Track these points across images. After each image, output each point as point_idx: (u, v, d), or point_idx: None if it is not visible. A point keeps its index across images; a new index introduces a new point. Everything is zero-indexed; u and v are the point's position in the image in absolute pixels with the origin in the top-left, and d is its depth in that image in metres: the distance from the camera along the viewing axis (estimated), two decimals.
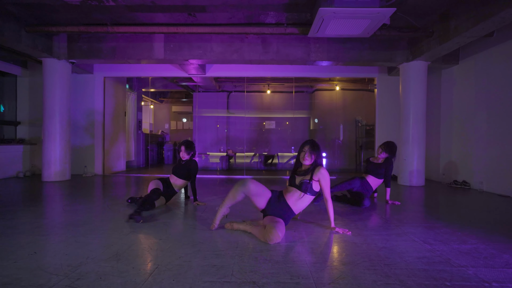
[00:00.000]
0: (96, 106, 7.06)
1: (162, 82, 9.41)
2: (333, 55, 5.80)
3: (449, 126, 6.10)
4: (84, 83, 7.04)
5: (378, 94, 7.02)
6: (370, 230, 2.74)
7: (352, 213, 3.43)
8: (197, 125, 9.35)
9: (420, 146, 5.74)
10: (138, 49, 5.80)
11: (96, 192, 4.83)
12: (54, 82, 5.79)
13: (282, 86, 9.32)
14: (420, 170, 5.73)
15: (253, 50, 5.78)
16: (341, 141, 8.77)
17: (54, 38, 5.68)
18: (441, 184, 5.90)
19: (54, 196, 4.39)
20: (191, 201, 3.97)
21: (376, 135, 7.02)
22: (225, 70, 7.10)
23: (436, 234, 2.61)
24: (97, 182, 5.85)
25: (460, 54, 5.75)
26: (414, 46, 5.55)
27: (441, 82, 6.34)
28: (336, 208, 3.66)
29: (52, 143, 5.80)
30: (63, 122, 5.90)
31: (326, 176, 2.58)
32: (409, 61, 5.72)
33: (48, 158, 5.78)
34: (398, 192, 5.10)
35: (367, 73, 7.06)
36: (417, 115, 5.72)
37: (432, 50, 4.99)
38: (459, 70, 5.83)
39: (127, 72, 7.21)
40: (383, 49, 5.80)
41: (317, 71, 7.07)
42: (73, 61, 5.89)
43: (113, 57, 5.81)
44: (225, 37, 5.74)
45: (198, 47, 5.77)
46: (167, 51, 5.78)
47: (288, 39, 5.74)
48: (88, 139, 7.04)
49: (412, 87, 5.73)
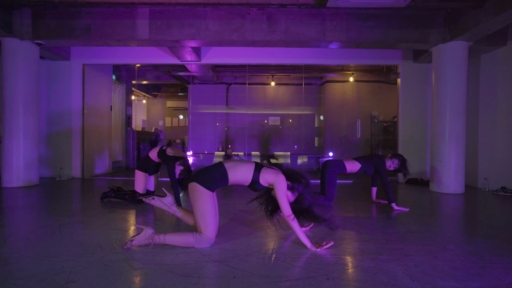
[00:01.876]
0: (74, 98, 6.06)
1: (154, 73, 8.41)
2: (353, 34, 4.79)
3: (492, 120, 5.09)
4: (59, 71, 6.04)
5: (402, 85, 6.00)
6: (444, 275, 1.74)
7: (397, 238, 2.43)
8: (193, 121, 8.34)
9: (459, 145, 4.73)
10: (117, 27, 4.79)
11: (59, 202, 3.82)
12: (17, 67, 4.79)
13: (288, 78, 8.30)
14: (460, 174, 4.73)
15: (257, 28, 4.78)
16: (358, 139, 7.74)
17: (15, 13, 4.68)
18: (482, 191, 4.90)
19: (4, 208, 3.39)
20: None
21: (400, 131, 6.02)
22: (224, 56, 6.09)
23: None
24: (71, 187, 4.87)
25: (509, 32, 4.73)
26: (454, 22, 4.53)
27: (480, 69, 5.31)
28: (364, 223, 2.66)
29: (15, 141, 4.80)
30: (29, 116, 4.90)
31: (280, 185, 2.06)
32: (446, 41, 4.70)
33: (9, 159, 4.79)
34: (432, 201, 4.12)
35: (388, 59, 6.05)
36: (456, 107, 4.72)
37: (481, 25, 3.98)
38: (507, 53, 4.81)
39: (110, 59, 6.21)
40: (414, 27, 4.78)
41: (330, 57, 6.05)
42: (40, 41, 4.89)
43: (87, 37, 4.81)
44: (222, 13, 4.74)
45: (191, 25, 4.77)
46: (153, 30, 4.78)
47: (299, 14, 4.73)
48: (65, 137, 6.04)
49: (450, 74, 4.72)
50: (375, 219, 3.09)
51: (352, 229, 2.67)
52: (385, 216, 3.20)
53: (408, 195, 4.60)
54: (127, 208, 3.41)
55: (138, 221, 2.90)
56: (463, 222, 3.18)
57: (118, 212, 3.21)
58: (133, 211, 3.29)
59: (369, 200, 4.02)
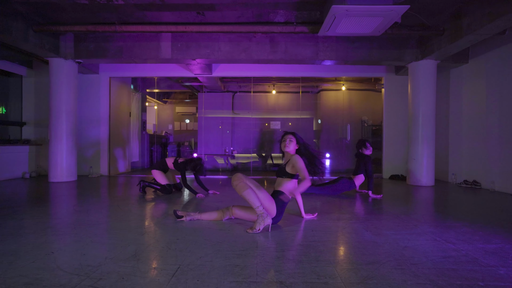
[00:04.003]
0: (102, 106, 7.02)
1: (167, 82, 9.36)
2: (341, 54, 5.75)
3: (458, 125, 6.05)
4: (89, 83, 7.00)
5: (386, 94, 6.97)
6: (389, 229, 2.69)
7: (368, 212, 3.38)
8: (203, 126, 9.30)
9: (430, 146, 5.68)
10: (145, 49, 5.76)
11: (103, 192, 4.79)
12: (61, 82, 5.75)
13: (288, 87, 9.27)
14: (430, 170, 5.67)
15: (261, 49, 5.74)
16: (349, 141, 8.71)
17: (61, 37, 5.65)
18: (450, 184, 5.85)
19: (62, 196, 4.34)
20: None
21: (384, 135, 6.97)
22: (232, 70, 7.06)
23: (458, 234, 2.56)
24: (104, 183, 5.80)
25: (470, 53, 5.70)
26: (423, 45, 5.50)
27: (449, 81, 6.29)
28: (348, 205, 3.60)
29: (59, 144, 5.75)
30: (70, 122, 5.86)
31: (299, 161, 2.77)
32: (418, 60, 5.67)
33: (55, 159, 5.74)
34: (408, 192, 5.04)
35: (374, 72, 7.02)
36: (427, 114, 5.67)
37: (443, 49, 4.95)
38: (469, 69, 5.78)
39: (133, 72, 7.18)
40: (392, 48, 5.75)
41: (324, 71, 7.02)
42: (80, 60, 5.86)
43: (120, 57, 5.78)
44: (233, 36, 5.71)
45: (206, 46, 5.73)
46: (175, 50, 5.75)
47: (296, 38, 5.70)
48: (94, 140, 6.99)
49: (422, 86, 5.69)
50: (355, 202, 4.02)
51: (335, 208, 3.62)
52: (365, 201, 4.14)
53: (387, 187, 5.54)
54: (157, 198, 4.36)
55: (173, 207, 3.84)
56: (421, 204, 4.11)
57: (150, 199, 4.16)
58: (163, 198, 4.24)
59: (353, 190, 4.94)
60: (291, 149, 2.88)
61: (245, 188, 2.49)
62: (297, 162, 2.76)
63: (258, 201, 2.52)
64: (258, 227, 2.51)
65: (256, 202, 2.51)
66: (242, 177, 2.54)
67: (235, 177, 2.56)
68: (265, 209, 2.58)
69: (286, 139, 2.91)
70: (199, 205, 3.77)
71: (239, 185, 2.51)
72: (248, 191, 2.49)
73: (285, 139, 2.92)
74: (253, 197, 2.50)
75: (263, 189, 2.63)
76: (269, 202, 2.59)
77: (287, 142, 2.89)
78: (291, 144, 2.88)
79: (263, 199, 2.56)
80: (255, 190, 2.54)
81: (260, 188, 2.61)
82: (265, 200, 2.57)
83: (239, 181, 2.52)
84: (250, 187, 2.51)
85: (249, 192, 2.49)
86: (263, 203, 2.56)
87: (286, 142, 2.88)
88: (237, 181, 2.52)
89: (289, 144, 2.88)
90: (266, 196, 2.60)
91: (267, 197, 2.60)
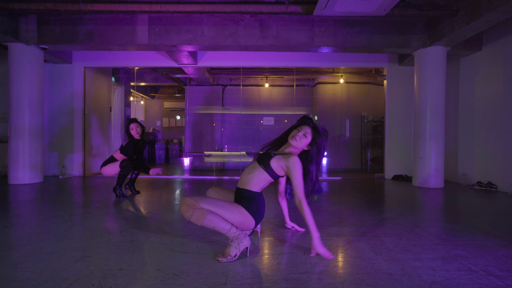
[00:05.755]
0: (76, 99, 6.32)
1: (152, 75, 8.68)
2: (340, 39, 5.11)
3: (469, 120, 5.44)
4: (61, 74, 6.30)
5: (388, 86, 6.34)
6: (404, 251, 2.06)
7: (374, 224, 2.75)
8: (189, 122, 8.63)
9: (439, 143, 5.07)
10: (118, 33, 5.08)
11: (64, 197, 4.12)
12: (23, 70, 5.06)
13: (282, 79, 8.61)
14: (439, 170, 5.06)
15: (250, 34, 5.08)
16: (348, 138, 8.08)
17: (22, 19, 4.95)
18: (461, 186, 5.24)
19: (13, 202, 3.66)
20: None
21: (386, 131, 6.35)
22: (219, 59, 6.39)
23: (497, 259, 1.93)
24: (73, 185, 5.14)
25: (484, 38, 5.08)
26: (433, 28, 4.87)
27: (459, 71, 5.66)
28: (348, 213, 2.97)
29: (20, 141, 5.07)
30: (34, 116, 5.17)
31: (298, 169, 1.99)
32: (426, 46, 5.04)
33: (16, 158, 5.05)
34: (416, 196, 4.43)
35: (375, 62, 6.38)
36: (435, 107, 5.05)
37: (456, 32, 4.31)
38: (483, 57, 5.15)
39: (110, 62, 6.48)
40: (397, 33, 5.11)
41: (320, 60, 6.38)
42: (45, 46, 5.16)
43: (90, 43, 5.09)
44: (218, 19, 5.04)
45: (187, 30, 5.07)
46: (152, 35, 5.07)
47: (289, 21, 5.04)
48: (67, 137, 6.30)
49: (430, 76, 5.06)
50: (355, 209, 3.40)
51: (334, 216, 2.99)
52: (366, 207, 3.51)
53: (391, 190, 4.93)
54: (129, 201, 3.70)
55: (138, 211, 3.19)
56: (434, 211, 3.50)
57: (121, 205, 3.50)
58: (132, 202, 3.59)
59: (354, 193, 4.32)
60: (301, 146, 2.09)
61: (203, 217, 1.80)
62: (296, 169, 1.98)
63: (226, 223, 1.86)
64: (233, 253, 1.86)
65: (225, 226, 1.84)
66: (193, 202, 1.82)
67: (184, 206, 1.83)
68: (241, 227, 1.93)
69: (302, 130, 2.08)
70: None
71: (193, 215, 1.80)
72: (208, 218, 1.80)
73: (301, 129, 2.08)
74: (218, 221, 1.83)
75: (226, 202, 1.93)
76: (240, 214, 1.91)
77: (301, 134, 2.06)
78: (304, 140, 2.06)
79: (232, 215, 1.88)
80: (217, 210, 1.84)
81: (222, 203, 1.90)
82: (235, 215, 1.89)
83: (190, 210, 1.81)
84: (209, 212, 1.81)
85: (209, 218, 1.80)
86: (234, 220, 1.89)
87: (300, 134, 2.06)
88: (188, 210, 1.81)
89: (302, 138, 2.06)
90: (234, 208, 1.91)
91: (235, 209, 1.91)
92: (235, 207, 1.92)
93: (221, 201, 1.91)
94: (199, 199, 1.84)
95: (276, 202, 2.65)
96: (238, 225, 1.90)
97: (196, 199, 1.83)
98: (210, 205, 1.84)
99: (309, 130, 2.08)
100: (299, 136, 2.06)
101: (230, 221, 1.86)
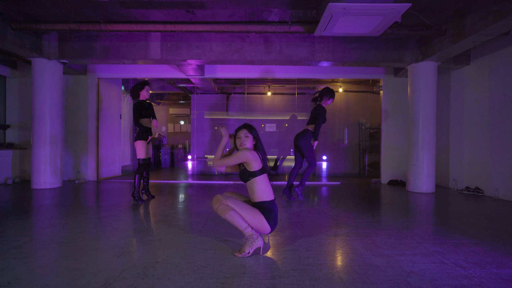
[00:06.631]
0: (90, 108, 6.73)
1: (159, 83, 9.08)
2: (338, 55, 5.52)
3: (460, 129, 5.84)
4: (77, 85, 6.71)
5: (384, 96, 6.75)
6: (391, 248, 2.45)
7: (367, 225, 3.14)
8: (196, 128, 9.03)
9: (430, 151, 5.46)
10: (133, 49, 5.49)
11: (87, 201, 4.51)
12: (44, 83, 5.47)
13: (283, 88, 9.02)
14: (430, 176, 5.45)
15: (255, 50, 5.49)
16: (346, 145, 8.47)
17: (44, 37, 5.36)
18: (451, 191, 5.63)
19: (41, 206, 4.05)
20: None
21: (382, 138, 6.75)
22: (225, 71, 6.80)
23: (467, 254, 2.32)
24: (89, 189, 5.52)
25: (472, 54, 5.48)
26: (424, 45, 5.28)
27: (450, 84, 6.07)
28: (347, 217, 3.36)
29: (42, 149, 5.47)
30: (54, 125, 5.57)
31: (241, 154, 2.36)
32: (418, 61, 5.45)
33: (38, 164, 5.45)
34: (408, 200, 4.81)
35: (372, 74, 6.79)
36: (427, 117, 5.45)
37: (445, 50, 4.73)
38: (471, 71, 5.56)
39: (122, 73, 6.90)
40: (391, 49, 5.52)
41: (320, 72, 6.79)
42: (65, 61, 5.57)
43: (106, 57, 5.50)
44: (225, 36, 5.45)
45: (197, 46, 5.47)
46: (164, 51, 5.48)
47: (291, 38, 5.45)
48: (81, 143, 6.70)
49: (422, 89, 5.46)
50: (352, 212, 3.78)
51: (332, 219, 3.37)
52: (362, 210, 3.90)
53: (386, 194, 5.32)
54: (147, 204, 4.09)
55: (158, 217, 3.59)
56: (423, 214, 3.87)
57: (140, 208, 3.89)
58: (150, 206, 3.98)
59: (352, 198, 4.69)
60: (249, 145, 2.44)
61: (226, 211, 2.21)
62: (246, 153, 2.33)
63: (244, 222, 2.26)
64: (247, 250, 2.26)
65: (242, 224, 2.24)
66: (221, 198, 2.25)
67: (215, 200, 2.28)
68: (255, 229, 2.31)
69: (241, 136, 2.45)
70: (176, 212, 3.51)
71: (219, 208, 2.24)
72: (230, 213, 2.21)
73: (240, 135, 2.45)
74: (237, 218, 2.23)
75: (248, 206, 2.30)
76: (257, 220, 2.29)
77: (242, 138, 2.44)
78: (248, 140, 2.43)
79: (250, 218, 2.27)
80: (239, 210, 2.25)
81: (245, 206, 2.28)
82: (253, 219, 2.27)
83: (218, 204, 2.24)
84: (232, 209, 2.23)
85: (231, 214, 2.22)
86: (251, 223, 2.28)
87: (242, 139, 2.43)
88: (217, 203, 2.25)
89: (245, 140, 2.43)
90: (253, 213, 2.29)
91: (254, 214, 2.28)
92: (256, 212, 2.30)
93: (245, 204, 2.30)
94: (226, 197, 2.25)
95: (280, 205, 3.03)
96: (254, 227, 2.29)
97: (224, 197, 2.25)
98: (235, 204, 2.24)
99: (245, 130, 2.47)
100: (243, 139, 2.43)
101: (247, 222, 2.26)
